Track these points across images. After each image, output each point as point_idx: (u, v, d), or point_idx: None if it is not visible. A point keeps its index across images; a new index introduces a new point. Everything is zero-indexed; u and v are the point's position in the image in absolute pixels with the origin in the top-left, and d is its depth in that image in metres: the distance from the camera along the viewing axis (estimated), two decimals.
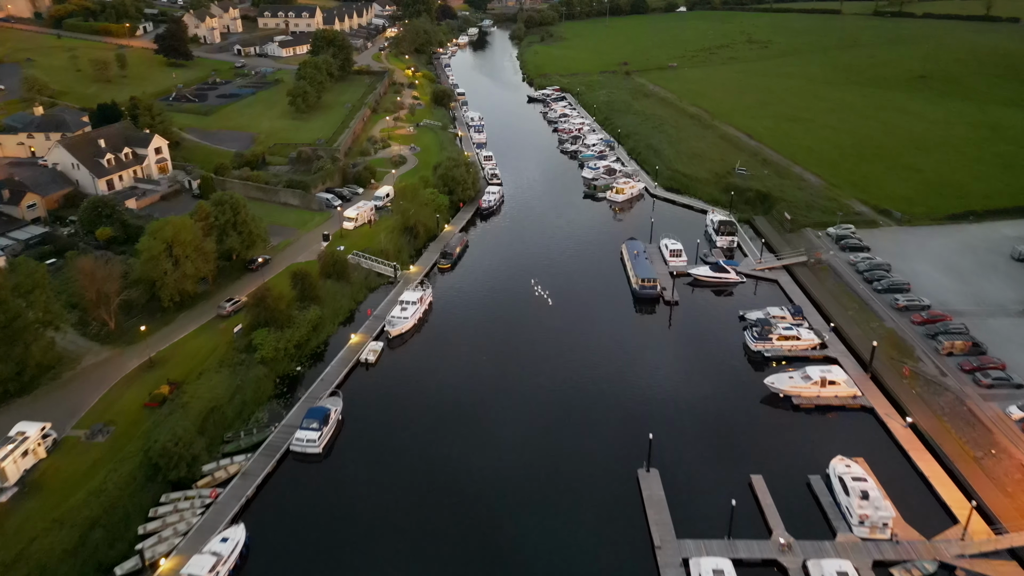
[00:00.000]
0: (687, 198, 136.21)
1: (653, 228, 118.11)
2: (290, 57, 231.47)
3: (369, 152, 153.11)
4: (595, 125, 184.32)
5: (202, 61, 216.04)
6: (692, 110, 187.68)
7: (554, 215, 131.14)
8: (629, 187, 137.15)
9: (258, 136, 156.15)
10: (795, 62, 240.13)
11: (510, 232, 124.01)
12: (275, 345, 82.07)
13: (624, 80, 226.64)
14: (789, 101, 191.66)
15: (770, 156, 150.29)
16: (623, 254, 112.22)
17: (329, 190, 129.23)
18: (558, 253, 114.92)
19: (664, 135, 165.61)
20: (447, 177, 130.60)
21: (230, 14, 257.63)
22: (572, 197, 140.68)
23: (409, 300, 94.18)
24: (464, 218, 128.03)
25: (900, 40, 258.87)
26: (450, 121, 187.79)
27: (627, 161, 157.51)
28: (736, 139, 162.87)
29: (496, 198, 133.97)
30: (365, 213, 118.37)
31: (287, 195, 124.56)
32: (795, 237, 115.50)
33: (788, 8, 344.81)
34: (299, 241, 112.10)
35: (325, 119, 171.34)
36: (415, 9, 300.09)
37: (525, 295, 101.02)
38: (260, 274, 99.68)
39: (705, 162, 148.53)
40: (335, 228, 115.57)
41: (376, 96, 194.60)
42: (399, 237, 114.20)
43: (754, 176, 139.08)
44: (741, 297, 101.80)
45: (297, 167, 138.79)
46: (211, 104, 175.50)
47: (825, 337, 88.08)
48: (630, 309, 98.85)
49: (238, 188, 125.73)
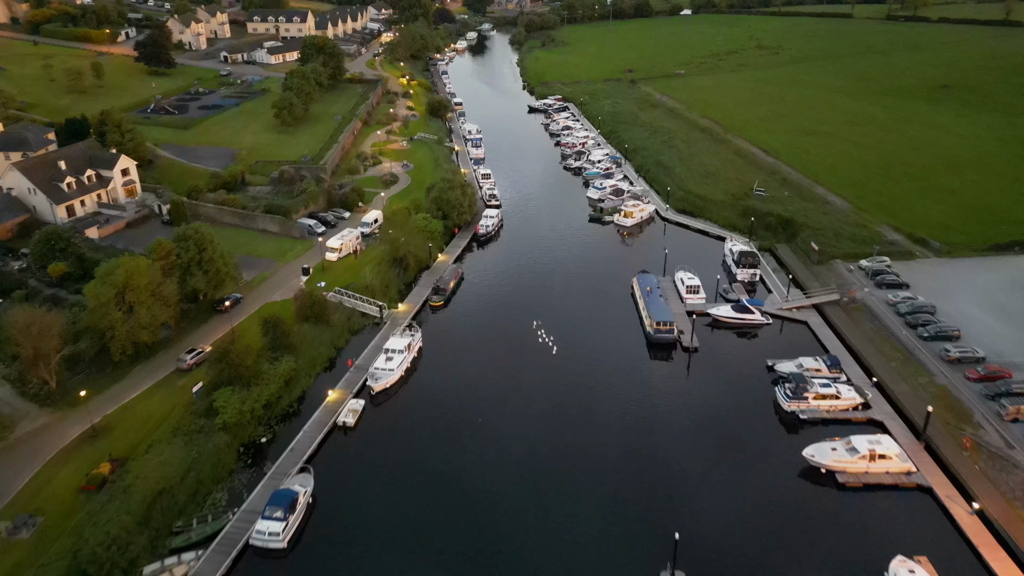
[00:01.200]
0: (702, 222, 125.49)
1: (667, 259, 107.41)
2: (279, 64, 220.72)
3: (358, 170, 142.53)
4: (600, 139, 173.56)
5: (186, 69, 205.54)
6: (703, 122, 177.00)
7: (557, 241, 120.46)
8: (638, 210, 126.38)
9: (239, 153, 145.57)
10: (808, 69, 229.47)
11: (510, 262, 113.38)
12: (239, 407, 71.45)
13: (629, 89, 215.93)
14: (805, 112, 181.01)
15: (789, 175, 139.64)
16: (634, 290, 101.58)
17: (312, 215, 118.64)
18: (562, 288, 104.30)
19: (674, 151, 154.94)
20: (441, 200, 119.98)
21: (218, 19, 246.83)
22: (576, 220, 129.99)
23: (395, 348, 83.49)
24: (459, 245, 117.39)
25: (917, 46, 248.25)
26: (446, 134, 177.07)
27: (635, 179, 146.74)
28: (751, 155, 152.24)
29: (494, 222, 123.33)
30: (350, 243, 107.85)
31: (266, 221, 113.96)
32: (823, 270, 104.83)
33: (797, 12, 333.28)
34: (276, 275, 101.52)
35: (312, 133, 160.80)
36: (412, 13, 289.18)
37: (526, 341, 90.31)
38: (230, 316, 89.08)
39: (720, 181, 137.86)
40: (317, 259, 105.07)
41: (368, 107, 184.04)
42: (387, 270, 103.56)
43: (774, 198, 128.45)
44: (767, 341, 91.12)
45: (279, 188, 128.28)
46: (191, 116, 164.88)
47: (868, 396, 77.34)
48: (644, 357, 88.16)
49: (212, 213, 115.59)
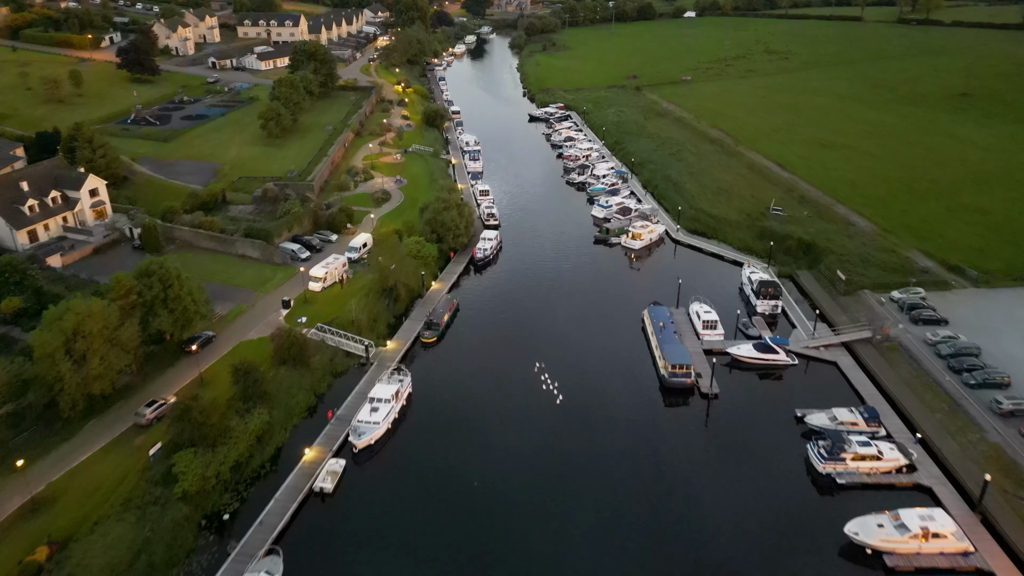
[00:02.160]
0: (716, 244, 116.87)
1: (680, 289, 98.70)
2: (269, 71, 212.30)
3: (348, 186, 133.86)
4: (604, 150, 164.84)
5: (171, 76, 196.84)
6: (713, 133, 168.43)
7: (560, 266, 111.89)
8: (647, 231, 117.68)
9: (222, 168, 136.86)
10: (820, 76, 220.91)
11: (509, 290, 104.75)
12: (202, 473, 62.97)
13: (634, 96, 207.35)
14: (819, 123, 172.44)
15: (807, 191, 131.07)
16: (645, 323, 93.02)
17: (296, 238, 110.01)
18: (566, 321, 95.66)
19: (684, 164, 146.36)
20: (435, 222, 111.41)
21: (206, 23, 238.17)
22: (581, 241, 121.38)
23: (381, 397, 74.84)
24: (455, 271, 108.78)
25: (932, 51, 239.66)
26: (443, 146, 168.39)
27: (643, 196, 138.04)
28: (765, 169, 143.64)
29: (493, 245, 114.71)
30: (336, 271, 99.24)
31: (245, 246, 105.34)
32: (851, 302, 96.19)
33: (805, 15, 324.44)
34: (254, 308, 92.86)
35: (301, 145, 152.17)
36: (408, 16, 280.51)
37: (528, 386, 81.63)
38: (199, 359, 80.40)
39: (733, 199, 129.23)
40: (299, 290, 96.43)
41: (361, 116, 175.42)
42: (375, 302, 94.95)
43: (792, 218, 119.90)
44: (794, 385, 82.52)
45: (262, 207, 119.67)
46: (173, 127, 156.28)
47: (913, 456, 68.73)
48: (657, 403, 79.56)
49: (188, 237, 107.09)
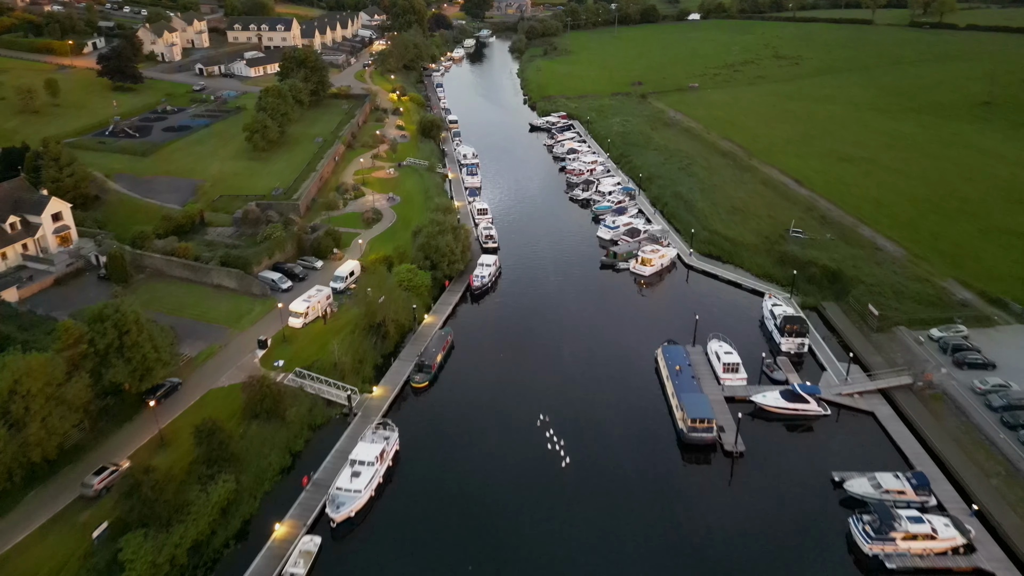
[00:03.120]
0: (732, 270, 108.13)
1: (697, 325, 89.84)
2: (259, 77, 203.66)
3: (337, 205, 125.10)
4: (609, 163, 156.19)
5: (155, 84, 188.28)
6: (724, 145, 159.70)
7: (565, 295, 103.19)
8: (658, 256, 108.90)
9: (202, 185, 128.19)
10: (833, 82, 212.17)
11: (509, 323, 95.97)
12: (152, 560, 54.45)
13: (640, 104, 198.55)
14: (836, 133, 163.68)
15: (828, 211, 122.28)
16: (659, 365, 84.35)
17: (278, 266, 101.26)
18: (572, 361, 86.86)
19: (695, 180, 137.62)
20: (429, 247, 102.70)
21: (195, 27, 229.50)
22: (586, 266, 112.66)
23: (363, 459, 66.10)
24: (450, 301, 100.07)
25: (948, 56, 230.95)
26: (439, 159, 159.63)
27: (651, 214, 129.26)
28: (782, 186, 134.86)
29: (491, 271, 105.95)
30: (319, 304, 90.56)
31: (221, 276, 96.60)
32: (886, 340, 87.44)
33: (814, 18, 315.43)
34: (228, 348, 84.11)
35: (289, 159, 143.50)
36: (405, 20, 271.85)
37: (530, 443, 72.80)
38: (160, 413, 71.62)
39: (749, 219, 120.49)
40: (278, 326, 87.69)
41: (353, 127, 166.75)
42: (361, 340, 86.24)
43: (814, 241, 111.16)
44: (828, 440, 73.82)
45: (243, 230, 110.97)
46: (153, 140, 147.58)
47: (971, 534, 59.95)
48: (676, 463, 70.87)
49: (160, 265, 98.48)
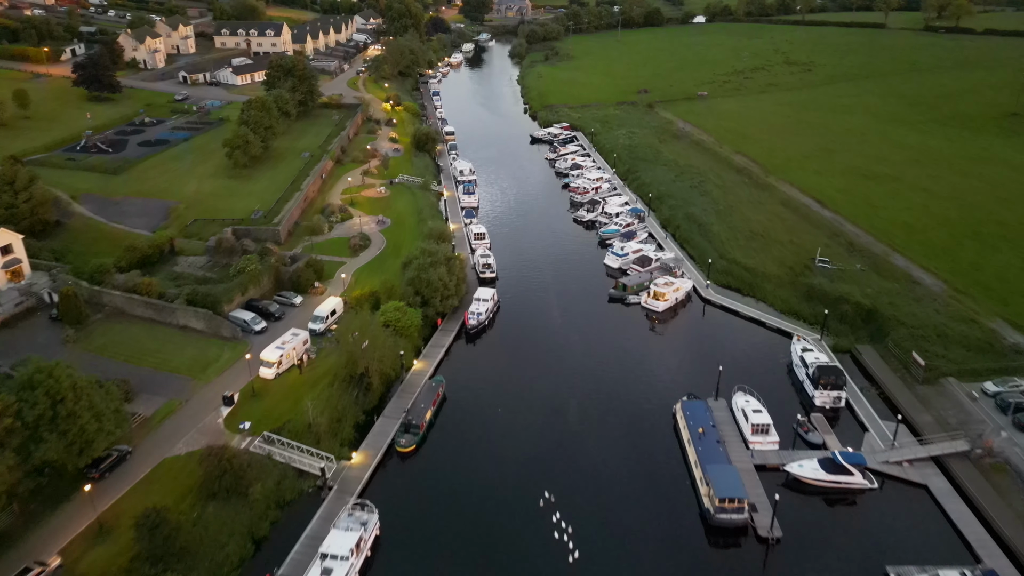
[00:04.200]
0: (754, 305, 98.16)
1: (720, 376, 79.76)
2: (246, 86, 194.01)
3: (321, 229, 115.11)
4: (616, 180, 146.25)
5: (135, 93, 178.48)
6: (737, 160, 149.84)
7: (569, 335, 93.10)
8: (672, 290, 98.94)
9: (176, 207, 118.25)
10: (848, 91, 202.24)
11: (508, 371, 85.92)
12: None
13: (646, 115, 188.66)
14: (856, 147, 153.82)
15: (856, 237, 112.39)
16: (679, 424, 74.45)
17: (251, 304, 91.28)
18: (580, 419, 76.88)
19: (708, 200, 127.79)
20: (420, 282, 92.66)
21: (180, 32, 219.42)
22: (593, 299, 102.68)
23: (336, 553, 56.04)
24: (442, 343, 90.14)
25: (967, 63, 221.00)
26: (433, 175, 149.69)
27: (663, 239, 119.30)
28: (803, 207, 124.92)
29: (488, 307, 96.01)
30: (294, 351, 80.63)
31: (188, 316, 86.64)
32: (934, 394, 77.50)
33: (824, 21, 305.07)
34: (189, 404, 74.10)
35: (272, 176, 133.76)
36: (401, 24, 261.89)
37: (533, 531, 62.72)
38: (100, 495, 61.69)
39: (770, 246, 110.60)
40: (248, 377, 77.72)
41: (343, 140, 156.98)
42: (341, 394, 76.28)
43: (843, 272, 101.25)
44: (877, 521, 63.75)
45: (216, 260, 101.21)
46: (127, 156, 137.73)
47: None
48: (701, 550, 60.93)
49: (120, 304, 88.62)
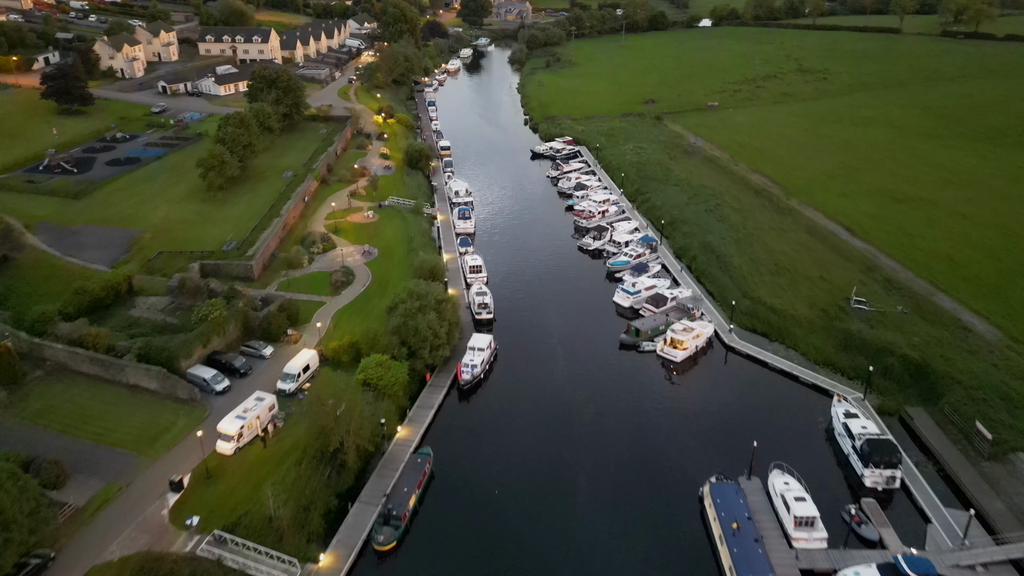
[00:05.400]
0: (783, 352, 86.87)
1: (755, 453, 68.52)
2: (230, 96, 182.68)
3: (300, 262, 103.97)
4: (624, 202, 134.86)
5: (109, 105, 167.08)
6: (755, 180, 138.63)
7: (577, 391, 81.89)
8: (692, 337, 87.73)
9: (141, 237, 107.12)
10: (868, 101, 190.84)
11: (506, 438, 74.68)
12: None
13: (654, 127, 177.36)
14: (883, 165, 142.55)
15: (892, 271, 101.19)
16: (707, 512, 63.38)
17: (214, 357, 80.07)
18: (590, 502, 65.84)
19: (726, 226, 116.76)
20: (407, 330, 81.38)
21: (161, 39, 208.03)
22: (602, 346, 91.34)
23: None
24: (431, 402, 78.99)
25: (992, 72, 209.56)
26: (427, 196, 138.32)
27: (678, 271, 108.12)
28: (831, 235, 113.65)
29: (485, 357, 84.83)
30: (258, 419, 69.51)
31: (139, 374, 75.51)
32: (1004, 473, 66.30)
33: (836, 25, 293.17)
34: (131, 490, 62.89)
35: (250, 200, 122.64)
36: (396, 29, 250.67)
37: None
38: None
39: (798, 283, 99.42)
40: (202, 454, 66.56)
41: (330, 157, 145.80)
42: (310, 475, 65.11)
43: (883, 315, 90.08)
44: None
45: (179, 302, 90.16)
46: (93, 177, 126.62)
47: None
48: None
49: (63, 359, 77.55)
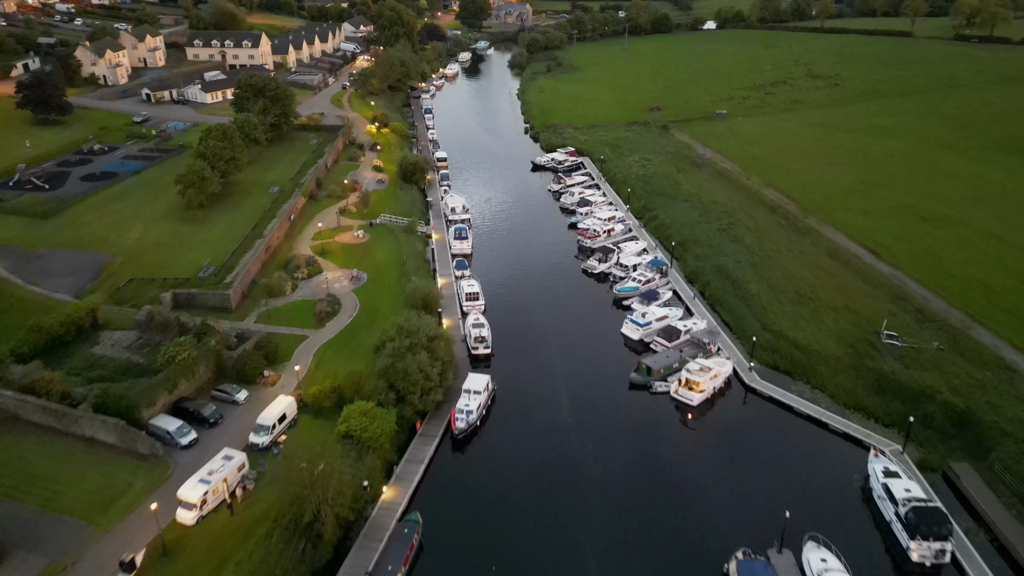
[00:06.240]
0: (809, 394, 78.98)
1: (787, 524, 60.61)
2: (216, 104, 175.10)
3: (283, 290, 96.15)
4: (630, 219, 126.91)
5: (89, 114, 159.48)
6: (769, 195, 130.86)
7: (584, 440, 73.86)
8: (709, 378, 79.91)
9: (111, 262, 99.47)
10: (883, 109, 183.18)
11: (504, 501, 66.67)
12: None
13: (661, 137, 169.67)
14: (904, 180, 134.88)
15: (925, 301, 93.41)
16: None
17: (181, 404, 72.24)
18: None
19: (741, 247, 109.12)
20: (395, 372, 73.72)
21: (147, 43, 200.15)
22: (610, 386, 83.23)
23: None
24: (422, 456, 71.00)
25: (1012, 78, 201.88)
26: (422, 212, 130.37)
27: (690, 298, 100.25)
28: (854, 258, 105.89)
29: (481, 401, 76.84)
30: (225, 482, 61.66)
31: (95, 426, 67.72)
32: None
33: (845, 28, 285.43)
34: (75, 572, 55.01)
35: (232, 218, 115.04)
36: (392, 33, 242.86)
37: None
38: None
39: (822, 313, 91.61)
40: (164, 520, 58.71)
41: (319, 170, 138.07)
42: (282, 550, 57.15)
43: (917, 352, 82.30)
44: None
45: (147, 338, 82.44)
46: (65, 194, 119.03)
47: None
48: None
49: (12, 407, 69.73)
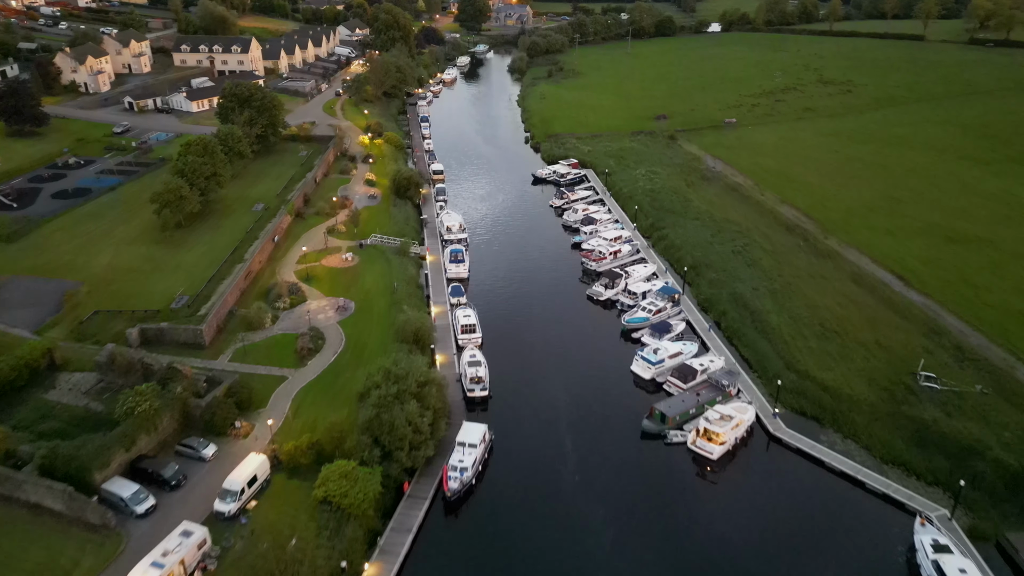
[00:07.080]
0: (840, 445, 71.10)
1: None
2: (202, 113, 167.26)
3: (262, 322, 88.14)
4: (638, 238, 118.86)
5: (67, 125, 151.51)
6: (785, 213, 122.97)
7: (592, 507, 65.76)
8: (731, 427, 71.99)
9: (77, 291, 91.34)
10: (900, 118, 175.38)
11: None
12: None
13: (668, 148, 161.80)
14: (928, 195, 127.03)
15: (960, 333, 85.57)
16: None
17: (139, 465, 64.35)
18: None
19: (758, 272, 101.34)
20: (380, 425, 65.75)
21: (132, 49, 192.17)
22: (620, 432, 75.19)
23: None
24: (409, 524, 62.81)
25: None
26: (416, 231, 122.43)
27: (705, 330, 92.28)
28: (881, 286, 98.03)
29: (477, 456, 68.77)
30: (183, 564, 53.77)
31: (40, 491, 59.87)
32: None
33: (854, 31, 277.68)
34: None
35: (212, 240, 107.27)
36: (388, 37, 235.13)
37: None
38: None
39: (851, 350, 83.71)
40: None
41: (308, 184, 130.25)
42: None
43: (960, 397, 74.52)
44: None
45: (109, 381, 74.56)
46: (33, 213, 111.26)
47: None
48: None
49: None
